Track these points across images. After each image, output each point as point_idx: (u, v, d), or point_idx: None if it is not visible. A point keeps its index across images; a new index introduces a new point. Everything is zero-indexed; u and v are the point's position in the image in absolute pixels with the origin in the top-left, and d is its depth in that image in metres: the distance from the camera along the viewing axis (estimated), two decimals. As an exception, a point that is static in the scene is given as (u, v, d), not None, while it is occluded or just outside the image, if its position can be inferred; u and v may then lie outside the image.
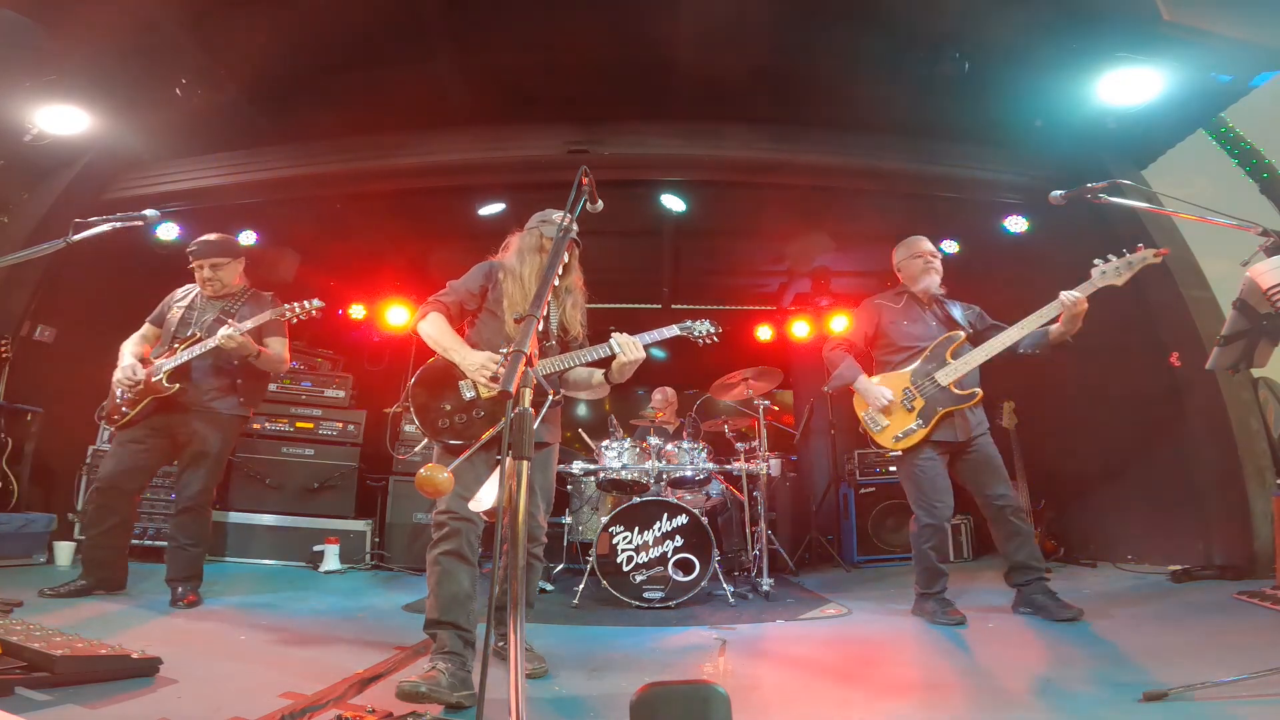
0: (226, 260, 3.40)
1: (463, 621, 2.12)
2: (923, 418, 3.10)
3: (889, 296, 3.47)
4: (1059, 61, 3.65)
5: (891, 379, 3.24)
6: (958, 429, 3.12)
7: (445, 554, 2.16)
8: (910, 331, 3.28)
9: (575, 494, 5.08)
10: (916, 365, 3.19)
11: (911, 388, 3.15)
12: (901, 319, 3.33)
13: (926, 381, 3.13)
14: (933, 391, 3.11)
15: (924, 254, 3.38)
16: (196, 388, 3.25)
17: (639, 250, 6.11)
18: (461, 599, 2.14)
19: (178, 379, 3.20)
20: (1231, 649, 2.38)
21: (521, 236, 2.59)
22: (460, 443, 2.27)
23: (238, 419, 3.40)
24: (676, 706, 1.27)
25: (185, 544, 3.24)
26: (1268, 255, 1.99)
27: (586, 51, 3.99)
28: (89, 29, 3.47)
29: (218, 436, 3.29)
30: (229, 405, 3.33)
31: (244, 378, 3.36)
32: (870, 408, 3.22)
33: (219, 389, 3.30)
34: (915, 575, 3.24)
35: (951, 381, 3.08)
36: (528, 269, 2.46)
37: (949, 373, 3.10)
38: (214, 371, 3.29)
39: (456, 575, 2.15)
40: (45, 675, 1.79)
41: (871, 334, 3.40)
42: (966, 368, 3.07)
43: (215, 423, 3.29)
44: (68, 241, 2.61)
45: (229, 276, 3.41)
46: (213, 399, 3.28)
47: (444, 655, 2.06)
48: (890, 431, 3.17)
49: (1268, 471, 3.72)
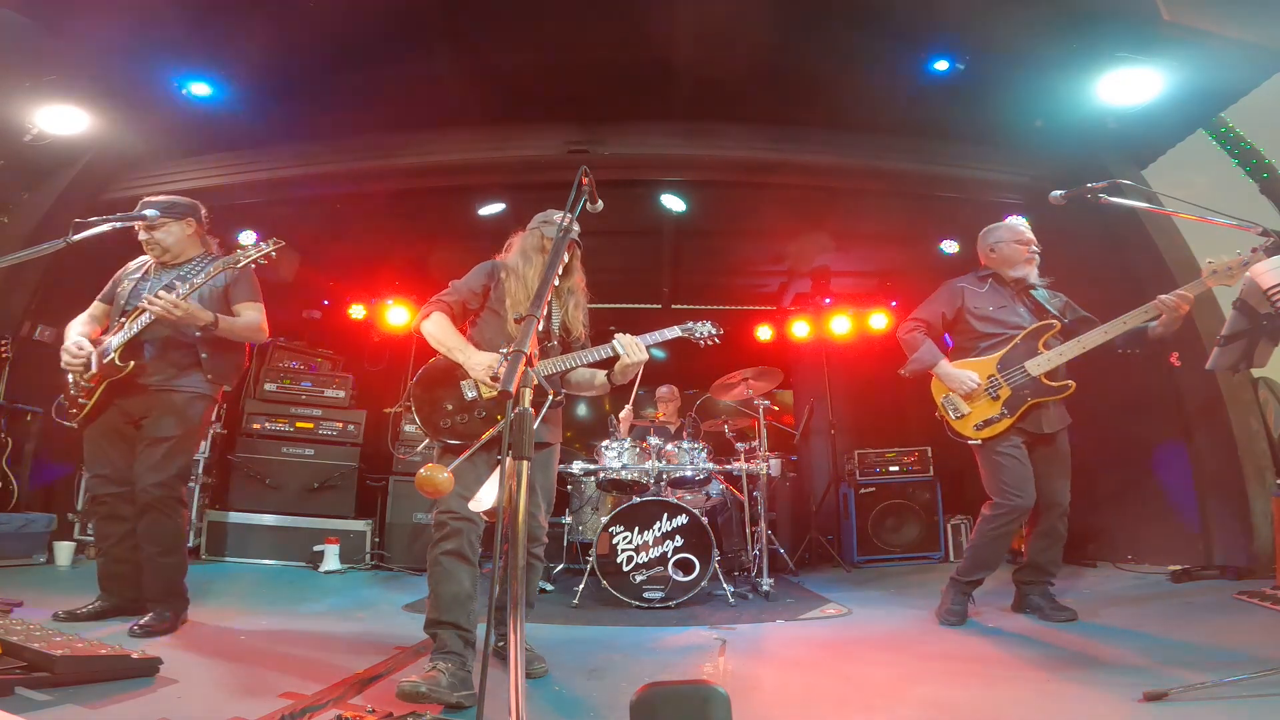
0: (165, 221, 2.89)
1: (463, 621, 2.12)
2: (1008, 407, 2.96)
3: (971, 279, 3.27)
4: (1059, 61, 3.65)
5: (975, 365, 3.06)
6: (1044, 421, 3.00)
7: (446, 554, 2.15)
8: (997, 318, 3.11)
9: (575, 494, 5.08)
10: (1005, 353, 3.03)
11: (998, 375, 3.00)
12: (988, 304, 3.15)
13: (1015, 371, 2.98)
14: (1022, 381, 2.97)
15: (1029, 242, 3.18)
16: (154, 365, 2.80)
17: (639, 250, 6.12)
18: (462, 599, 2.13)
19: (130, 356, 2.74)
20: (1231, 649, 2.38)
21: (524, 236, 2.60)
22: (461, 442, 2.26)
23: (201, 399, 2.88)
24: (676, 707, 1.27)
25: (153, 553, 2.72)
26: (1268, 255, 1.99)
27: (586, 51, 3.99)
28: (89, 29, 3.47)
29: (175, 419, 2.80)
30: (190, 383, 2.85)
31: (209, 350, 2.87)
32: (951, 393, 3.07)
33: (178, 365, 2.84)
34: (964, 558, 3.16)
35: (1044, 373, 2.95)
36: (531, 269, 2.46)
37: (1041, 363, 2.95)
38: (172, 345, 2.83)
39: (457, 575, 2.14)
40: (45, 675, 1.79)
41: (952, 317, 3.21)
42: (1060, 359, 2.93)
43: (172, 404, 2.80)
44: (68, 241, 2.58)
45: (171, 240, 2.91)
46: (171, 377, 2.82)
47: (444, 655, 2.05)
48: (971, 420, 3.02)
49: (1268, 471, 3.72)
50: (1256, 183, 4.16)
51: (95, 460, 2.82)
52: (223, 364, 2.93)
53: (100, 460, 2.81)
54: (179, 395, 2.82)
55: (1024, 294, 3.18)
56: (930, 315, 3.23)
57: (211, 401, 2.96)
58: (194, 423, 2.87)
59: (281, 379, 5.44)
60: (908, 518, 5.46)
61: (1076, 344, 2.92)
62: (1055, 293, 3.21)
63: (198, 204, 3.04)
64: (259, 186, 4.69)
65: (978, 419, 3.01)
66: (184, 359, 2.84)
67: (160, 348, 2.82)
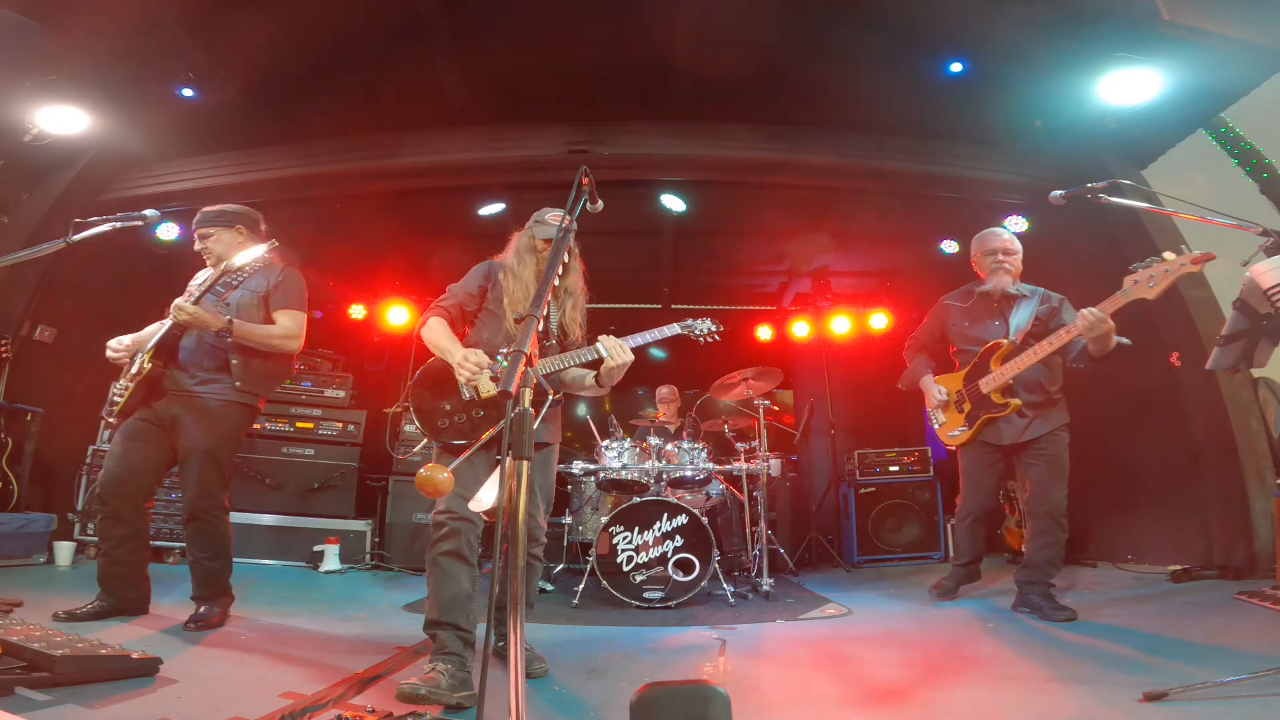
0: (213, 230, 2.95)
1: (463, 622, 2.12)
2: (969, 421, 3.21)
3: (958, 295, 3.43)
4: (1059, 61, 3.65)
5: (948, 380, 3.33)
6: (1003, 434, 3.13)
7: (445, 554, 2.15)
8: (969, 334, 3.30)
9: (575, 494, 5.08)
10: (969, 369, 3.23)
11: (963, 390, 3.23)
12: (964, 320, 3.33)
13: (972, 387, 3.18)
14: (977, 397, 3.17)
15: (994, 251, 3.26)
16: (183, 370, 2.81)
17: (639, 250, 6.12)
18: (461, 599, 2.13)
19: (160, 356, 2.77)
20: (1231, 649, 2.38)
21: (519, 236, 2.60)
22: (461, 442, 2.26)
23: (233, 407, 2.86)
24: (676, 706, 1.27)
25: (200, 557, 2.84)
26: (1268, 255, 1.99)
27: (587, 51, 3.99)
28: (89, 29, 3.47)
29: (206, 428, 2.79)
30: (219, 390, 2.82)
31: (240, 357, 2.84)
32: (932, 406, 3.37)
33: (208, 371, 2.82)
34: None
35: (991, 390, 3.11)
36: (526, 269, 2.48)
37: (988, 381, 3.12)
38: (204, 351, 2.82)
39: (456, 576, 2.14)
40: (45, 675, 1.78)
41: (939, 335, 3.46)
42: (1002, 378, 3.07)
43: (202, 413, 2.79)
44: (68, 241, 2.59)
45: (221, 248, 2.95)
46: (199, 384, 2.80)
47: (443, 656, 2.06)
48: (946, 429, 3.33)
49: (1268, 471, 3.72)
50: (1256, 183, 4.16)
51: (114, 456, 2.79)
52: (254, 372, 2.89)
53: (116, 456, 2.78)
54: (207, 401, 2.81)
55: (1004, 305, 3.22)
56: (923, 334, 3.52)
57: (247, 410, 2.93)
58: (226, 431, 2.86)
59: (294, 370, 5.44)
60: (908, 518, 5.46)
61: (1014, 364, 3.05)
62: (1049, 297, 3.21)
63: (248, 211, 3.07)
64: (259, 186, 4.68)
65: (951, 428, 3.32)
66: (214, 364, 2.84)
67: (192, 352, 2.83)
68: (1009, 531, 4.86)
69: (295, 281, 3.00)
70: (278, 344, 2.90)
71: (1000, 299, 3.24)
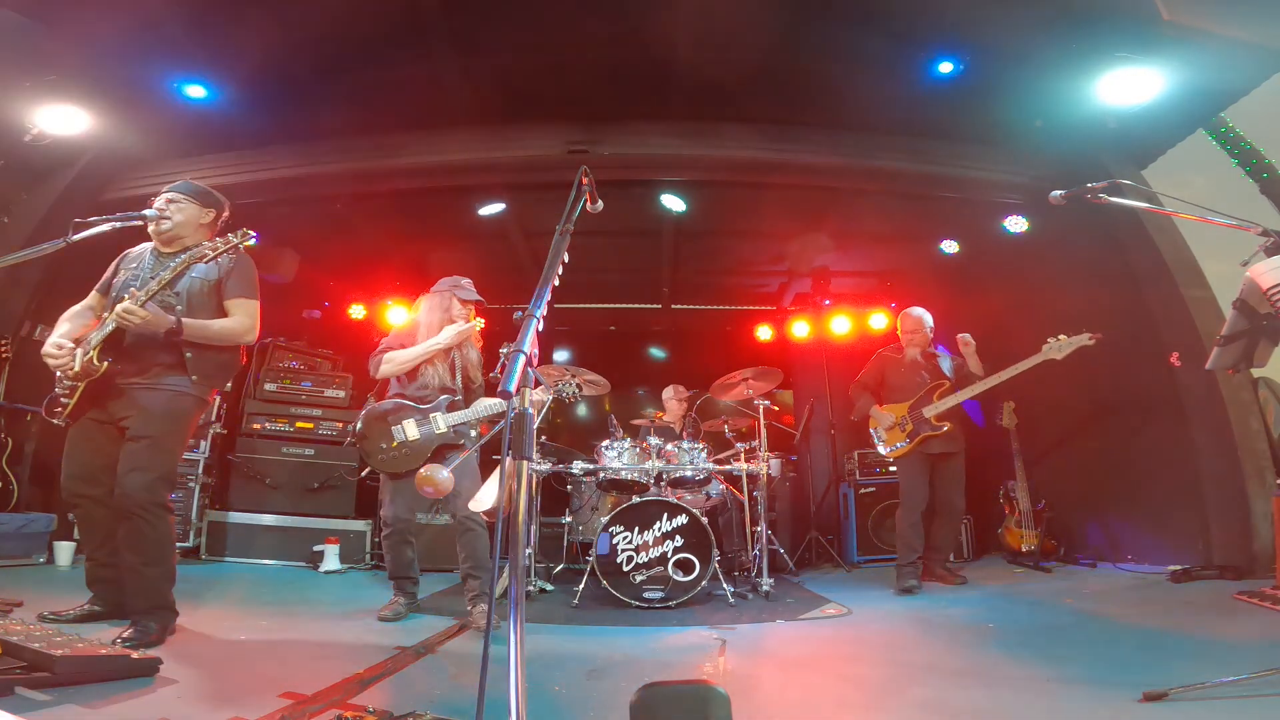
0: (184, 202, 2.76)
1: (411, 573, 3.38)
2: (910, 438, 4.22)
3: (891, 350, 4.56)
4: (1059, 61, 3.65)
5: (894, 409, 4.34)
6: (935, 446, 4.18)
7: (394, 542, 3.36)
8: (902, 384, 4.38)
9: (575, 494, 5.08)
10: (913, 401, 4.27)
11: (907, 417, 4.25)
12: (898, 369, 4.43)
13: (916, 414, 4.22)
14: (920, 421, 4.19)
15: (906, 332, 4.45)
16: (135, 363, 2.60)
17: (639, 250, 6.12)
18: (406, 563, 3.36)
19: (110, 354, 2.53)
20: (1231, 649, 2.38)
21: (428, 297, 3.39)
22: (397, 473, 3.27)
23: (184, 397, 2.65)
24: (676, 707, 1.27)
25: (134, 562, 2.49)
26: (1268, 255, 1.99)
27: (586, 51, 3.99)
28: (89, 29, 3.46)
29: (156, 416, 2.57)
30: (173, 383, 2.63)
31: (194, 350, 2.65)
32: (877, 428, 4.38)
33: (161, 365, 2.62)
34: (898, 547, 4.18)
35: (933, 415, 4.15)
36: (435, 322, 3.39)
37: (931, 409, 4.16)
38: (153, 343, 2.59)
39: (403, 551, 3.36)
40: (45, 675, 1.78)
41: (880, 379, 4.51)
42: (944, 406, 4.15)
43: (154, 402, 2.59)
44: (67, 241, 2.57)
45: (180, 218, 2.75)
46: (154, 377, 2.61)
47: (402, 593, 3.34)
48: (887, 444, 4.34)
49: (1268, 471, 3.72)
50: (1256, 183, 4.16)
51: (68, 458, 2.66)
52: (209, 364, 2.71)
53: (72, 458, 2.65)
54: (160, 394, 2.61)
55: (929, 360, 4.41)
56: (867, 378, 4.56)
57: (199, 403, 2.74)
58: (178, 422, 2.67)
59: (281, 379, 5.44)
60: (907, 517, 5.45)
61: (953, 398, 4.15)
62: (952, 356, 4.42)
63: (226, 202, 2.94)
64: (259, 186, 4.68)
65: (892, 443, 4.30)
66: (167, 358, 2.63)
67: (142, 346, 2.60)
68: (1009, 531, 4.86)
69: (248, 268, 2.84)
70: (229, 340, 2.76)
71: (925, 357, 4.41)
